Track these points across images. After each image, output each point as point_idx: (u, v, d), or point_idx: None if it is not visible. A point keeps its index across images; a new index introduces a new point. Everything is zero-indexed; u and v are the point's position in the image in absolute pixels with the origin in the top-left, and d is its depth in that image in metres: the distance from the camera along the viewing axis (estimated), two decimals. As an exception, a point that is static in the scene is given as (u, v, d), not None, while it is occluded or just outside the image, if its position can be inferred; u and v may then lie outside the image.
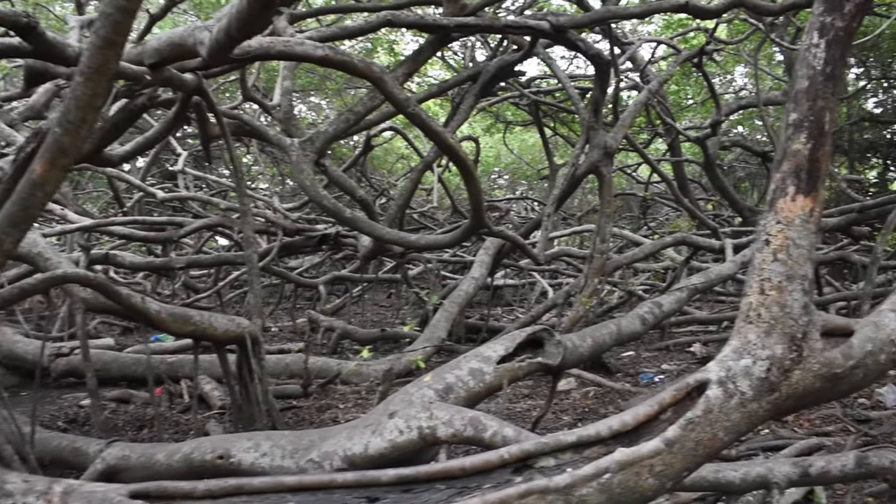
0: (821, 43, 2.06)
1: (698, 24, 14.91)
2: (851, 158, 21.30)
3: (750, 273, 2.01)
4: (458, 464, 1.75)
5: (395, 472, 1.68)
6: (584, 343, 5.36)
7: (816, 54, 2.05)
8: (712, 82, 14.53)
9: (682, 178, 16.72)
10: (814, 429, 5.77)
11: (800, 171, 1.98)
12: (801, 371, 1.93)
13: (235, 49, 5.32)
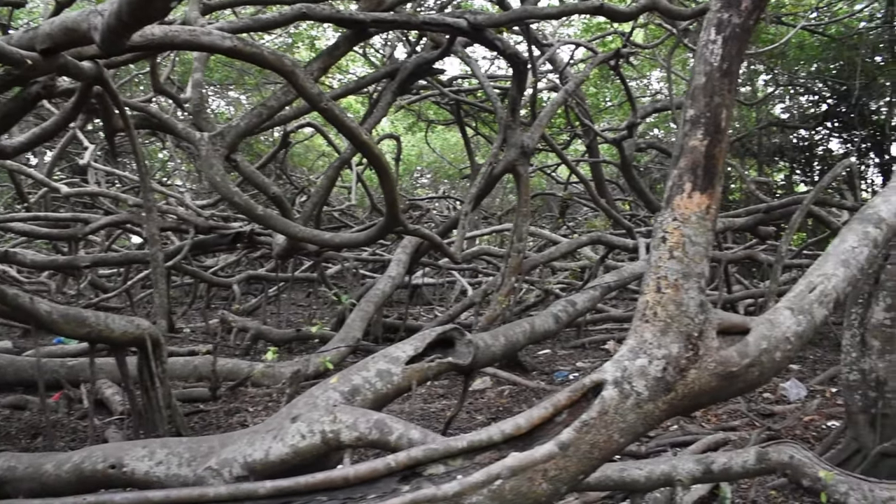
0: (718, 39, 2.04)
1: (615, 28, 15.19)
2: (760, 161, 22.11)
3: (647, 271, 1.97)
4: (341, 473, 1.65)
5: (273, 484, 1.57)
6: (497, 342, 5.31)
7: (713, 50, 2.03)
8: (629, 85, 14.79)
9: (599, 179, 17.02)
10: (720, 424, 5.89)
11: (696, 168, 1.96)
12: (697, 370, 1.90)
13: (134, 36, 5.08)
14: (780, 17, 16.62)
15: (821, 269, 2.28)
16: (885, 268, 4.12)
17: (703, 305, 1.94)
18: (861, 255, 2.32)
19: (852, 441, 4.32)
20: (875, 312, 4.17)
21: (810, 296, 2.18)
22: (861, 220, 2.45)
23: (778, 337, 2.05)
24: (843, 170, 11.78)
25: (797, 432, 5.69)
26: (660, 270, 1.92)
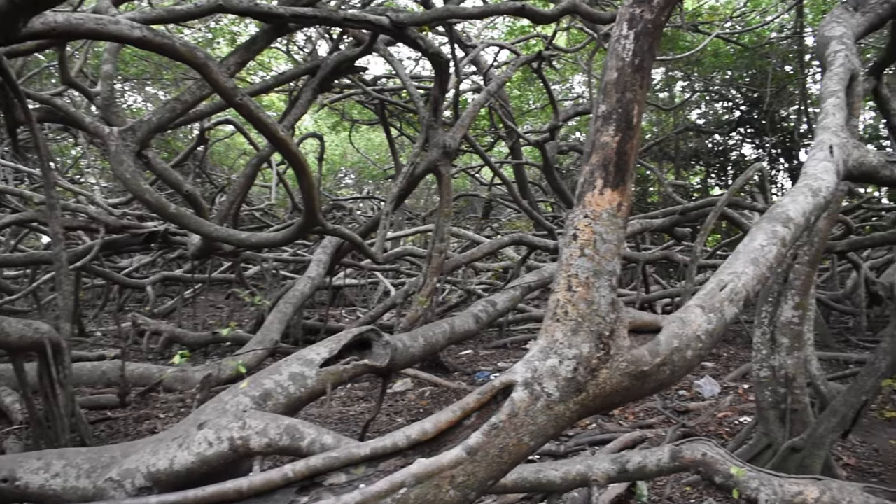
0: (630, 34, 2.01)
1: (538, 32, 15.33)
2: (677, 165, 22.74)
3: (558, 269, 1.93)
4: (234, 485, 1.55)
5: (159, 499, 1.45)
6: (416, 343, 5.25)
7: (626, 46, 2.01)
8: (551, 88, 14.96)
9: (522, 181, 17.19)
10: (637, 422, 5.96)
11: (608, 164, 1.92)
12: (608, 370, 1.86)
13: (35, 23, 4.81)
14: (697, 25, 17.11)
15: (731, 268, 2.28)
16: (794, 267, 4.22)
17: (614, 304, 1.90)
18: (770, 254, 2.33)
19: (763, 436, 4.41)
20: (784, 311, 4.27)
21: (721, 294, 2.17)
22: (770, 219, 2.46)
23: (689, 335, 2.04)
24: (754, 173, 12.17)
25: (711, 428, 5.80)
26: (570, 268, 1.87)
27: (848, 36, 4.09)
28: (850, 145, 3.01)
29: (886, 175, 3.16)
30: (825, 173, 2.72)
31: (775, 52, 17.72)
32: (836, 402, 4.03)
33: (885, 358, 3.85)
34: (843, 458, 5.25)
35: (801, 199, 2.57)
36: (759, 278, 2.28)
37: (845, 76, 3.65)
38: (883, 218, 14.22)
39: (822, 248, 4.24)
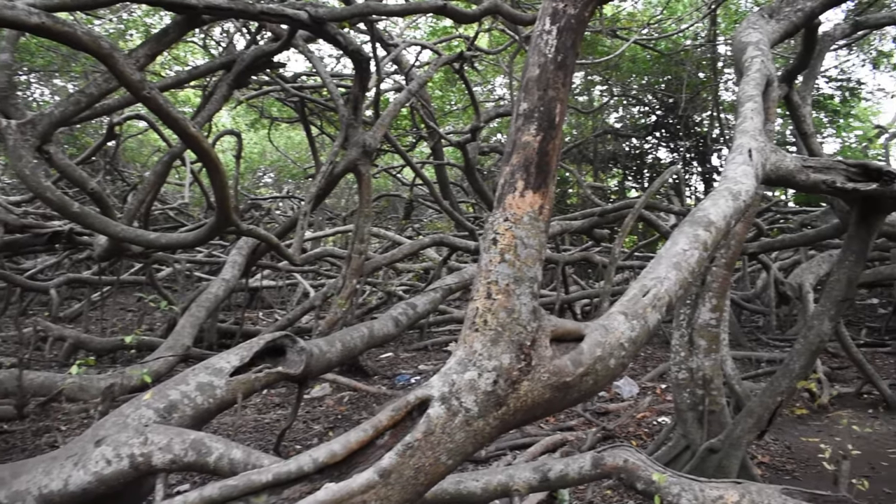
0: (552, 30, 1.92)
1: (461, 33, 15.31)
2: (596, 168, 23.13)
3: (477, 275, 1.82)
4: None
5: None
6: (333, 348, 5.08)
7: (548, 41, 1.92)
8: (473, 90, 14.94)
9: (443, 181, 17.15)
10: (559, 424, 5.93)
11: (529, 165, 1.83)
12: (530, 382, 1.77)
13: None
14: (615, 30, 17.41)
15: (654, 273, 2.23)
16: (711, 269, 4.25)
17: (535, 312, 1.81)
18: (692, 258, 2.29)
19: (682, 438, 4.42)
20: (701, 313, 4.29)
21: (644, 300, 2.11)
22: (692, 222, 2.42)
23: (612, 343, 1.96)
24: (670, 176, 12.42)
25: (631, 429, 5.83)
26: (490, 275, 1.77)
27: (764, 42, 4.14)
28: (767, 149, 3.02)
29: (802, 179, 3.18)
30: (745, 177, 2.70)
31: (690, 60, 18.19)
32: (753, 403, 4.07)
33: (798, 359, 3.91)
34: (757, 456, 5.34)
35: (722, 202, 2.55)
36: (682, 283, 2.24)
37: (762, 81, 3.68)
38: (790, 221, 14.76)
39: (738, 251, 4.29)
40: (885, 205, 3.68)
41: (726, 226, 2.50)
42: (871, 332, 11.77)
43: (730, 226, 2.53)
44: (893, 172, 3.50)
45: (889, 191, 3.43)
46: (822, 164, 3.34)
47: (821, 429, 6.26)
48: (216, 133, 14.27)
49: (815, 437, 5.98)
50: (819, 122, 21.67)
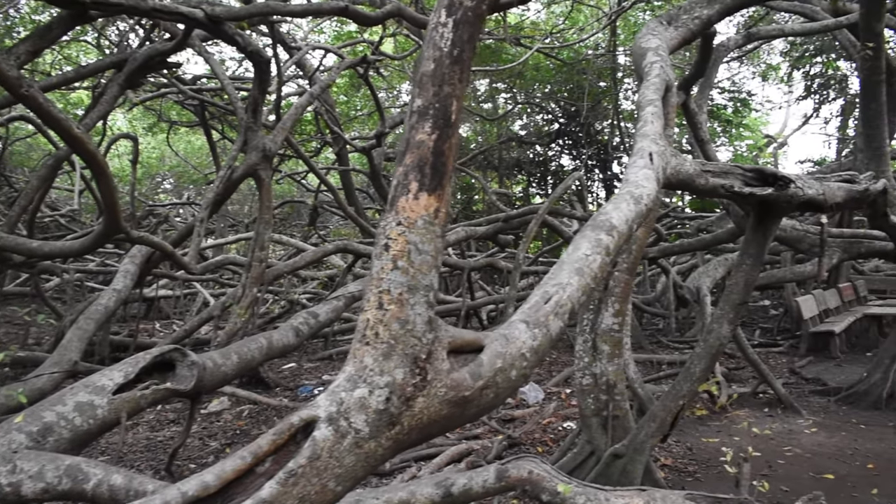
0: (448, 22, 1.81)
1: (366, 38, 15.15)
2: (501, 174, 23.34)
3: (367, 284, 1.69)
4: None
5: None
6: (229, 361, 4.83)
7: (444, 34, 1.80)
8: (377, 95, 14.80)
9: (349, 187, 16.94)
10: (464, 433, 5.84)
11: (423, 166, 1.71)
12: (425, 398, 1.64)
13: None
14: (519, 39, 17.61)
15: (556, 279, 2.14)
16: (614, 274, 4.24)
17: (431, 323, 1.69)
18: (594, 264, 2.22)
19: (587, 444, 4.39)
20: (604, 318, 4.28)
21: (546, 307, 2.02)
22: (594, 227, 2.36)
23: (513, 354, 1.86)
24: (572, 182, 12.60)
25: (537, 436, 5.79)
26: (382, 283, 1.64)
27: (663, 48, 4.18)
28: (668, 153, 3.00)
29: (701, 183, 3.19)
30: (646, 181, 2.67)
31: (591, 69, 18.58)
32: (655, 407, 4.08)
33: (699, 363, 3.94)
34: (661, 459, 5.39)
35: (625, 206, 2.49)
36: (584, 289, 2.16)
37: (661, 86, 3.69)
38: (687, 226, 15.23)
39: (640, 256, 4.30)
40: (780, 209, 3.74)
41: (628, 230, 2.45)
42: (764, 332, 12.25)
43: (632, 230, 2.48)
44: (788, 177, 3.56)
45: (783, 195, 3.49)
46: (721, 168, 3.37)
47: (720, 429, 6.40)
48: (111, 136, 13.61)
49: (716, 437, 6.11)
50: (713, 131, 22.53)
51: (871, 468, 5.31)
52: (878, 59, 5.74)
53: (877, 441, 6.01)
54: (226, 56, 19.44)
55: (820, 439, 6.10)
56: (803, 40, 19.35)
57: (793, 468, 5.35)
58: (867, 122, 6.30)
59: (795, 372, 9.01)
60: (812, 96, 20.67)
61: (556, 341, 2.08)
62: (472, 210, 21.94)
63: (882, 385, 7.24)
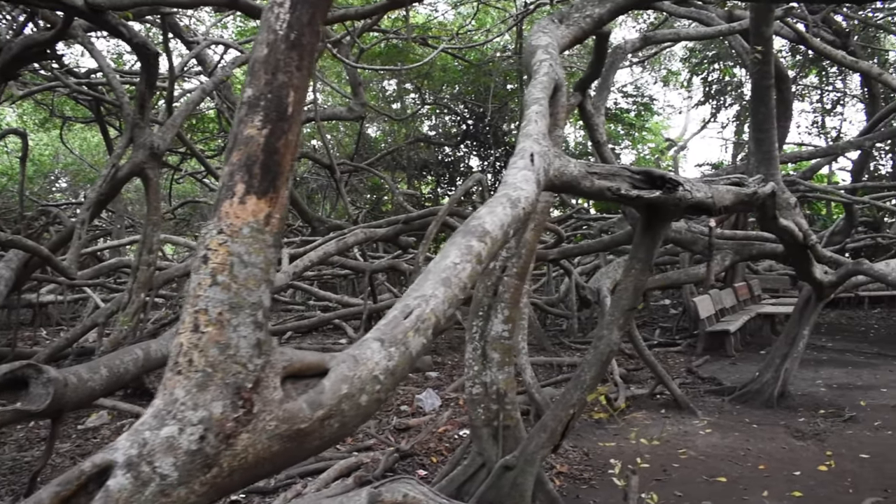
0: (285, 2, 1.59)
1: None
2: (409, 175, 23.17)
3: (184, 304, 1.45)
4: None
5: None
6: (97, 375, 4.44)
7: (280, 15, 1.58)
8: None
9: (251, 187, 16.35)
10: (356, 444, 5.61)
11: (252, 165, 1.49)
12: (250, 434, 1.42)
13: None
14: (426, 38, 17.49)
15: (419, 290, 1.95)
16: (503, 280, 4.10)
17: (261, 346, 1.47)
18: (464, 273, 2.03)
19: (478, 456, 4.24)
20: (494, 325, 4.13)
21: (405, 323, 1.83)
22: (465, 233, 2.18)
23: (363, 377, 1.66)
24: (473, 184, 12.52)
25: (432, 445, 5.61)
26: (198, 302, 1.41)
27: (553, 46, 4.06)
28: (551, 154, 2.86)
29: (587, 185, 3.07)
30: (525, 183, 2.51)
31: (497, 71, 18.62)
32: (546, 416, 3.95)
33: (589, 370, 3.83)
34: (556, 466, 5.30)
35: (500, 210, 2.33)
36: (452, 301, 1.98)
37: (549, 85, 3.56)
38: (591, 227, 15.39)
39: (530, 260, 4.17)
40: (669, 212, 3.68)
41: (504, 235, 2.28)
42: (664, 332, 12.46)
43: (508, 235, 2.32)
44: (676, 180, 3.48)
45: (671, 198, 3.42)
46: (607, 170, 3.26)
47: (618, 432, 6.37)
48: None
49: (613, 441, 6.08)
50: (617, 135, 22.99)
51: (762, 469, 5.36)
52: (767, 64, 5.83)
53: (768, 441, 6.10)
54: (124, 49, 18.53)
55: (714, 440, 6.14)
56: (702, 48, 19.96)
57: (687, 472, 5.35)
58: (757, 126, 6.40)
59: (692, 371, 9.15)
60: (710, 101, 21.36)
61: (417, 360, 1.89)
62: (381, 211, 21.68)
63: (773, 384, 7.40)
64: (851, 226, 14.95)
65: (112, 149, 12.94)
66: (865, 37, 15.87)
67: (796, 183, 11.90)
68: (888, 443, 5.95)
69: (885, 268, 6.29)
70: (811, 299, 7.26)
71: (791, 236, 5.88)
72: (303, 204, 17.39)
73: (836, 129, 21.16)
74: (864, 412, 6.95)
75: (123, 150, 8.32)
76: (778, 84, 11.59)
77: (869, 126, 12.68)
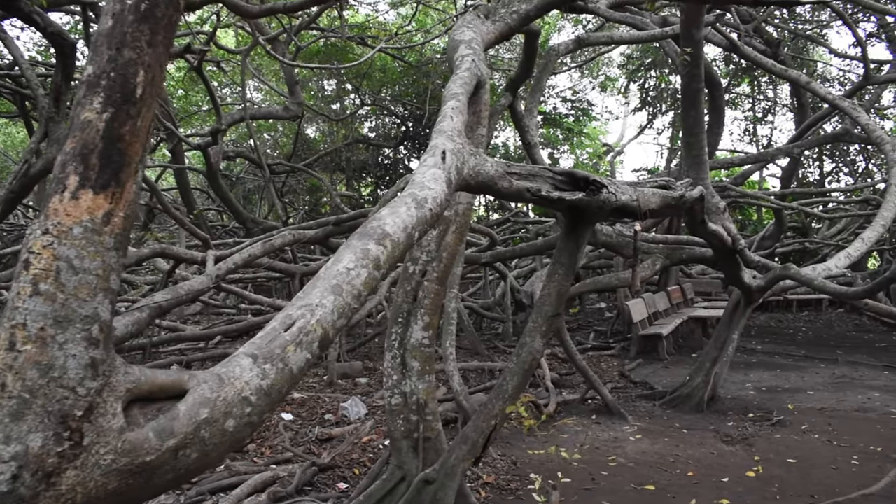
0: (138, -33, 1.38)
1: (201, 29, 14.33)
2: (349, 176, 22.86)
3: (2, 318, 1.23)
4: None
5: None
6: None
7: (130, -17, 1.37)
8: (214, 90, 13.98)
9: (184, 186, 15.99)
10: (275, 456, 5.36)
11: (89, 154, 1.27)
12: (79, 470, 1.21)
13: None
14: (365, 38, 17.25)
15: (305, 299, 1.76)
16: (423, 284, 3.92)
17: (96, 366, 1.25)
18: (358, 279, 1.85)
19: (397, 469, 4.04)
20: (414, 332, 3.94)
21: (285, 336, 1.63)
22: (362, 235, 1.99)
23: (229, 399, 1.46)
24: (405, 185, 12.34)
25: (354, 456, 5.39)
26: (16, 315, 1.19)
27: (477, 41, 3.90)
28: (466, 152, 2.69)
29: (504, 186, 2.91)
30: (434, 182, 2.33)
31: (437, 72, 18.47)
32: (467, 428, 3.78)
33: (511, 380, 3.68)
34: (483, 476, 5.14)
35: (404, 210, 2.14)
36: (343, 310, 1.78)
37: (470, 81, 3.40)
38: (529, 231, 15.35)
39: (451, 264, 4.00)
40: (593, 215, 3.55)
41: (407, 238, 2.10)
42: (598, 335, 12.46)
43: (412, 238, 2.14)
44: (600, 182, 3.35)
45: (595, 201, 3.28)
46: (528, 171, 3.11)
47: (548, 439, 6.25)
48: None
49: (542, 449, 5.95)
50: (556, 139, 23.09)
51: (691, 476, 5.30)
52: (697, 67, 5.79)
53: (697, 446, 6.06)
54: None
55: (644, 447, 6.08)
56: (640, 55, 20.19)
57: (615, 480, 5.25)
58: (688, 130, 6.37)
59: (625, 375, 9.13)
60: (646, 108, 21.63)
61: (299, 377, 1.69)
62: (320, 212, 21.30)
63: (703, 388, 7.40)
64: (781, 231, 15.25)
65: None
66: (795, 47, 16.22)
67: (728, 188, 12.05)
68: (814, 447, 5.97)
69: (812, 272, 6.32)
70: (740, 304, 7.28)
71: (720, 241, 5.84)
72: (236, 204, 16.97)
73: (767, 137, 21.65)
74: (792, 416, 6.99)
75: (38, 145, 7.88)
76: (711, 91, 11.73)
77: (798, 134, 12.92)
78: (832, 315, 15.33)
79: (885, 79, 12.61)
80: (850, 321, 14.46)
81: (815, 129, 13.39)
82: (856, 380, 8.74)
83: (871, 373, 9.18)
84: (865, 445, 5.95)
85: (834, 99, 8.78)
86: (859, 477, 5.17)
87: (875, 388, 8.20)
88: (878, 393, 7.96)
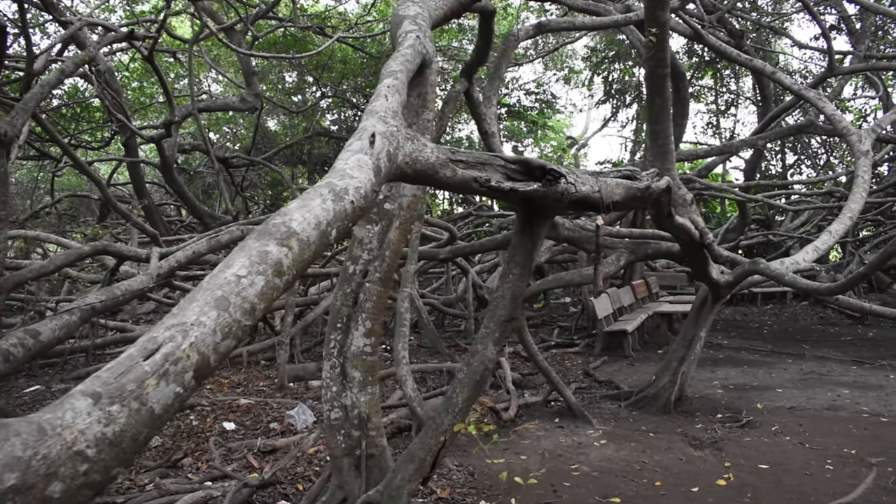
0: None
1: (153, 18, 13.86)
2: (310, 169, 22.38)
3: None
4: None
5: None
6: None
7: None
8: (166, 80, 13.46)
9: (138, 180, 15.52)
10: (211, 472, 4.96)
11: None
12: None
13: None
14: (324, 28, 16.81)
15: (178, 317, 1.39)
16: (365, 286, 3.55)
17: None
18: (252, 290, 1.48)
19: (338, 490, 3.68)
20: (354, 339, 3.57)
21: (144, 366, 1.26)
22: (261, 234, 1.62)
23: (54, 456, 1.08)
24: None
25: (299, 470, 5.01)
26: None
27: (423, 17, 3.53)
28: (401, 136, 2.32)
29: (448, 175, 2.55)
30: (357, 170, 1.97)
31: (398, 62, 18.07)
32: (413, 445, 3.42)
33: (462, 391, 3.32)
34: (437, 491, 4.79)
35: (317, 204, 1.78)
36: (229, 330, 1.42)
37: (413, 59, 3.04)
38: (492, 225, 15.03)
39: (395, 263, 3.64)
40: (550, 208, 3.21)
41: (321, 237, 1.73)
42: (562, 331, 12.18)
43: (328, 236, 1.77)
44: (558, 171, 3.01)
45: (552, 192, 2.93)
46: (476, 158, 2.75)
47: (508, 446, 5.92)
48: None
49: (502, 457, 5.61)
50: (520, 132, 22.82)
51: (658, 486, 5.00)
52: (663, 51, 5.49)
53: (665, 452, 5.77)
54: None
55: (609, 453, 5.76)
56: (604, 48, 19.97)
57: (579, 490, 4.93)
58: (653, 119, 6.07)
59: (589, 374, 8.84)
60: (611, 100, 21.43)
61: (166, 418, 1.32)
62: (281, 207, 20.80)
63: (670, 388, 7.13)
64: (745, 223, 15.13)
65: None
66: (758, 39, 16.09)
67: (692, 181, 11.84)
68: (786, 450, 5.72)
69: (781, 267, 6.07)
70: (707, 300, 7.02)
71: (687, 235, 5.56)
72: (192, 198, 16.46)
73: (730, 130, 21.58)
74: (762, 415, 6.75)
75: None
76: (675, 82, 11.47)
77: (761, 126, 12.76)
78: (797, 308, 15.26)
79: (849, 70, 12.50)
80: (814, 314, 14.39)
81: (778, 120, 13.24)
82: (824, 376, 8.55)
83: (839, 368, 9.01)
84: (839, 448, 5.70)
85: (800, 89, 8.57)
86: (834, 483, 4.92)
87: (844, 385, 8.01)
88: (847, 390, 7.77)
